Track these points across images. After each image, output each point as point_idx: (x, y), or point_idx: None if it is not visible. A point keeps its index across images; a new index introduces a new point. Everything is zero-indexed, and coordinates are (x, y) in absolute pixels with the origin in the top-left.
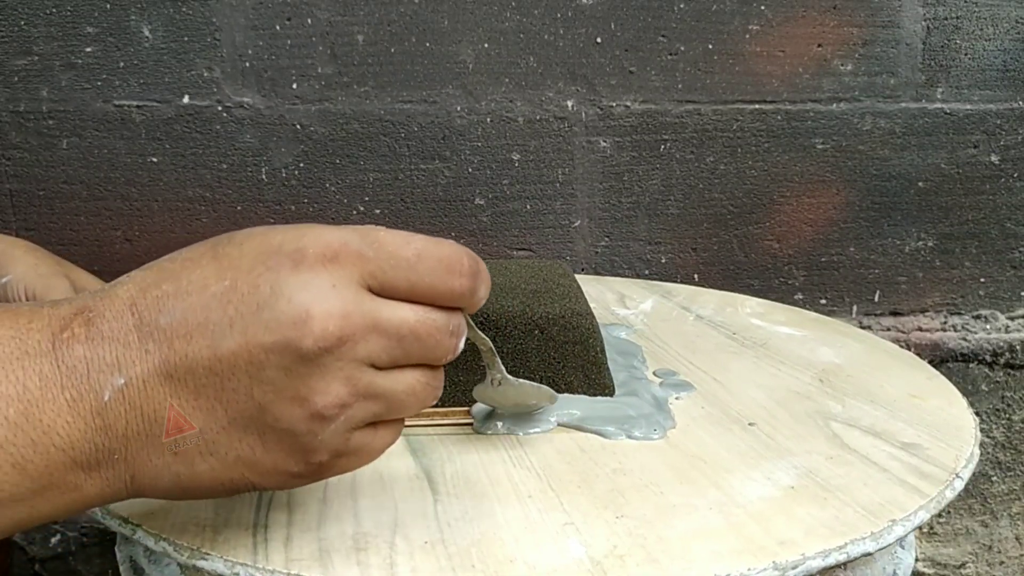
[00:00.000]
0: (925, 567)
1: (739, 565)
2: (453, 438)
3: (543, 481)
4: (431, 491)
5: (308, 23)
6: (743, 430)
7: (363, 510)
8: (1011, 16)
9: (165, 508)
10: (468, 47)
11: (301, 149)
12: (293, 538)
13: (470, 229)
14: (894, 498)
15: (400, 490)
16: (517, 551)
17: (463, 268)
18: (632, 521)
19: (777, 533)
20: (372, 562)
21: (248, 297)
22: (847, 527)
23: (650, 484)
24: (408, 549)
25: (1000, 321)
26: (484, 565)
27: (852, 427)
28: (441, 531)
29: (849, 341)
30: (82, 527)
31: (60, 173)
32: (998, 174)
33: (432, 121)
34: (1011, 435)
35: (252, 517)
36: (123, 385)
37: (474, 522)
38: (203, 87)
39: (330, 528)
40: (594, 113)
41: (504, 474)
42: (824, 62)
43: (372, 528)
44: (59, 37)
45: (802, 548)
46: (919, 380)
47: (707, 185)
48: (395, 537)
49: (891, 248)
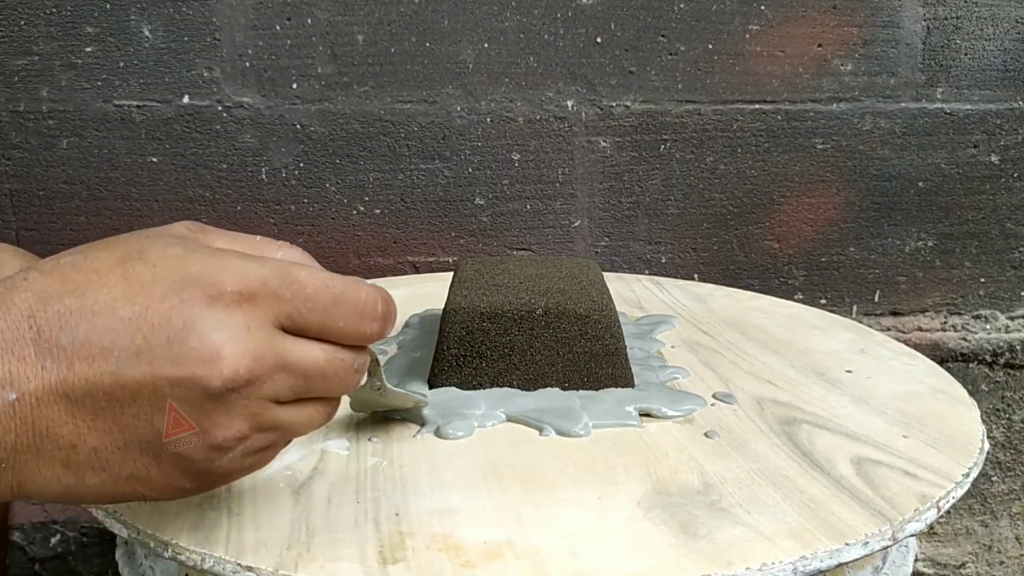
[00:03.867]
0: (925, 567)
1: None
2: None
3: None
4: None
5: (308, 23)
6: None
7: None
8: (1011, 16)
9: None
10: (468, 47)
11: (301, 149)
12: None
13: (470, 229)
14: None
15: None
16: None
17: (376, 313)
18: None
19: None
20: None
21: (158, 328)
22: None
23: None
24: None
25: (1000, 321)
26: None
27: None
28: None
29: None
30: (82, 527)
31: (60, 173)
32: (998, 174)
33: (432, 121)
34: (1011, 435)
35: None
36: (15, 400)
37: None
38: (203, 87)
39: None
40: (594, 113)
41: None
42: (824, 62)
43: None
44: (59, 37)
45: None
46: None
47: (707, 185)
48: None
49: (891, 248)
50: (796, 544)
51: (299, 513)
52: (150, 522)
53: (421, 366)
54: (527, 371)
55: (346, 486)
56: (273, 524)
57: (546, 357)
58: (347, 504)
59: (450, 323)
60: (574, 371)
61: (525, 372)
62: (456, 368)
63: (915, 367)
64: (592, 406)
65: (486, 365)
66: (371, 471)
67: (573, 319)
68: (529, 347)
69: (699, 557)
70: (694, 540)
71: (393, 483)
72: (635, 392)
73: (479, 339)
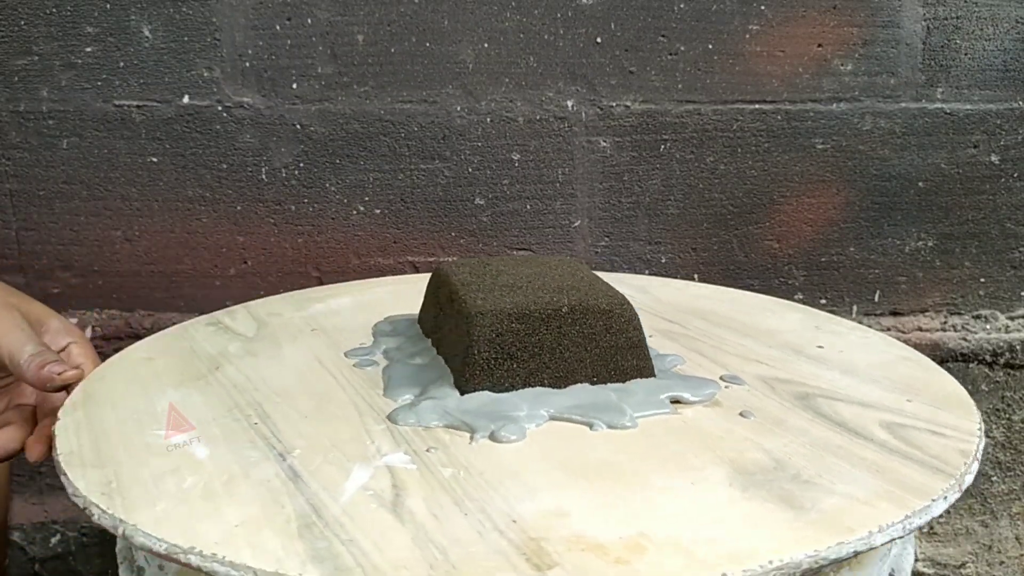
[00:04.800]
0: (925, 567)
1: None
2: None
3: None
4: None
5: (308, 23)
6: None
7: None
8: (1011, 16)
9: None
10: (468, 47)
11: (301, 149)
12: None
13: (470, 229)
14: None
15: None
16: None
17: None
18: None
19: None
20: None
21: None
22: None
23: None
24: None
25: (1000, 321)
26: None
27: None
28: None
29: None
30: (82, 527)
31: (60, 173)
32: (998, 174)
33: (432, 121)
34: (1011, 435)
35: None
36: None
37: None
38: (203, 87)
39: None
40: (594, 113)
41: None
42: (824, 62)
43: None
44: (59, 37)
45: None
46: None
47: (707, 185)
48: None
49: (891, 248)
50: (893, 506)
51: (415, 532)
52: (257, 557)
53: (435, 373)
54: (557, 369)
55: (440, 498)
56: (396, 546)
57: (574, 354)
58: (455, 516)
59: (479, 327)
60: (601, 365)
61: (555, 370)
62: (488, 371)
63: (872, 339)
64: (626, 398)
65: (517, 366)
66: (454, 481)
67: (598, 314)
68: (558, 345)
69: (821, 527)
70: (805, 513)
71: (484, 491)
72: (659, 382)
73: (509, 341)
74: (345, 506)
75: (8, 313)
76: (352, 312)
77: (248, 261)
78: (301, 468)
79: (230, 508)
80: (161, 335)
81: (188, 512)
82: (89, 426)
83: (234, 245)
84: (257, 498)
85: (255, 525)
